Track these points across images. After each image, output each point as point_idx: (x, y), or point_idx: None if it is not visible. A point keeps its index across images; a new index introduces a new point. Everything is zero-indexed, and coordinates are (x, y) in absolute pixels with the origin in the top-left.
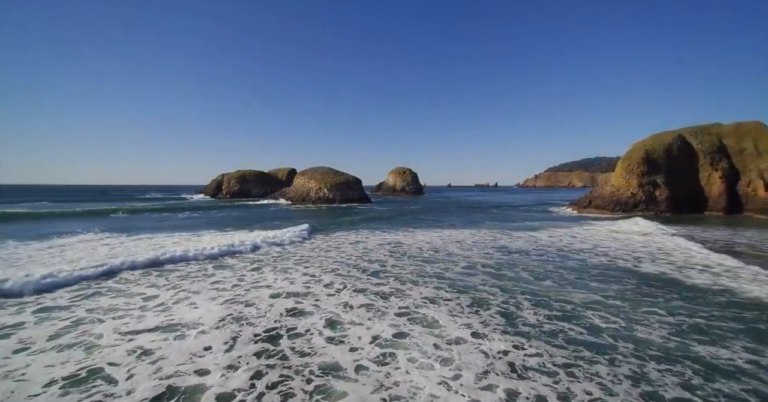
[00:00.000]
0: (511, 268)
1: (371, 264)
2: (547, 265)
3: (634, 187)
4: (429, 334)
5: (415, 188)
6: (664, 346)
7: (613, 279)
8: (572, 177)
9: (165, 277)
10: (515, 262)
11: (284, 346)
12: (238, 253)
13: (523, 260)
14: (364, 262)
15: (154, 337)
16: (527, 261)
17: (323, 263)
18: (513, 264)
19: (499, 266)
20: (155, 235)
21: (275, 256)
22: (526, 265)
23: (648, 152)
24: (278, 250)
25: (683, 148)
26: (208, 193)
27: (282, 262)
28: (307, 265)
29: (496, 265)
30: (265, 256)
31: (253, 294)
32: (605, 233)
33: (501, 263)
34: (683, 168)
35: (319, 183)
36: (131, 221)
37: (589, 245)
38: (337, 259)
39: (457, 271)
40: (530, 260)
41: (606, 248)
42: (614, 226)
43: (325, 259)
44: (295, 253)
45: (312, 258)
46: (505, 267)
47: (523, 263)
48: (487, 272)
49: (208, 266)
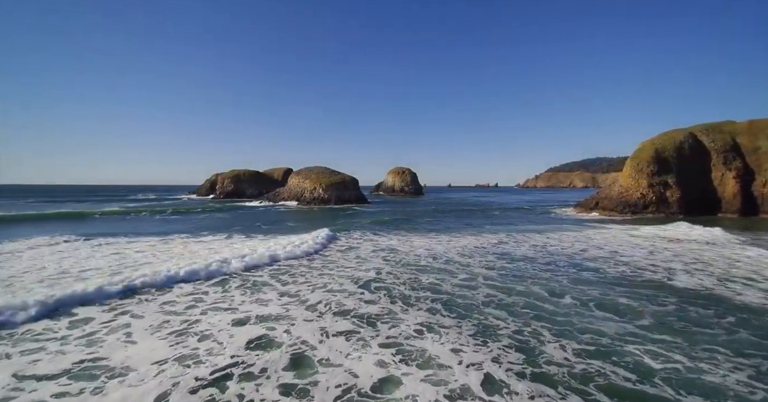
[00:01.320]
0: (519, 280)
1: (361, 276)
2: (560, 277)
3: (643, 188)
4: (426, 381)
5: (415, 188)
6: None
7: (646, 297)
8: (573, 177)
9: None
10: (522, 273)
11: (230, 397)
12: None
13: (531, 271)
14: (353, 273)
15: (58, 388)
16: (536, 272)
17: (306, 276)
18: (520, 275)
19: (504, 278)
20: (119, 240)
21: (245, 274)
22: (536, 276)
23: (658, 151)
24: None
25: (695, 147)
26: (202, 193)
27: (255, 275)
28: (285, 281)
29: (500, 276)
30: (234, 277)
31: (212, 320)
32: (624, 238)
33: (506, 274)
34: (695, 168)
35: (314, 183)
36: (102, 224)
37: (606, 252)
38: (322, 271)
39: (457, 283)
40: (540, 271)
41: (627, 256)
42: (636, 231)
43: (308, 271)
44: (270, 263)
45: (292, 268)
46: (512, 279)
47: (532, 275)
48: (491, 285)
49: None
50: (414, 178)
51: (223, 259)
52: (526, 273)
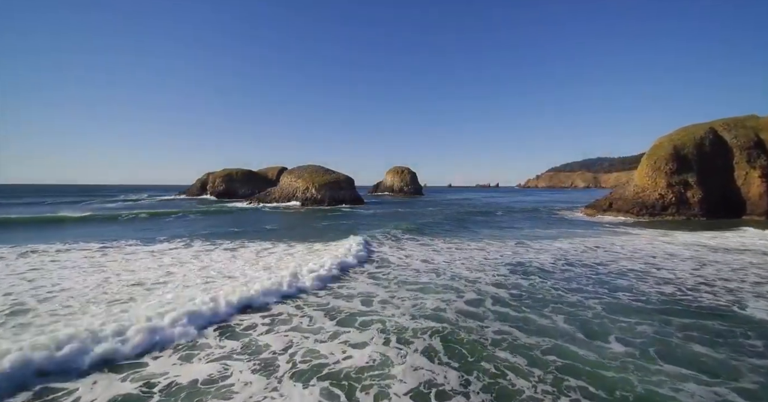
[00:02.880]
0: (538, 306)
1: (340, 306)
2: (590, 300)
3: (662, 188)
4: None
5: (414, 188)
6: None
7: (722, 337)
8: (575, 177)
9: None
10: (541, 294)
11: None
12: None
13: (551, 290)
14: (336, 303)
15: None
16: (558, 292)
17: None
18: (539, 298)
19: (520, 302)
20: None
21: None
22: (559, 300)
23: (677, 148)
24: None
25: (716, 143)
26: (193, 193)
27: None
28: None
29: (514, 298)
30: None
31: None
32: (656, 246)
33: (521, 295)
34: (716, 166)
35: (306, 182)
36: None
37: (639, 265)
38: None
39: (462, 309)
40: (562, 291)
41: (667, 270)
42: (667, 237)
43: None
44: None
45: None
46: (529, 304)
47: (553, 297)
48: (503, 315)
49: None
50: (413, 178)
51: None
52: (545, 294)
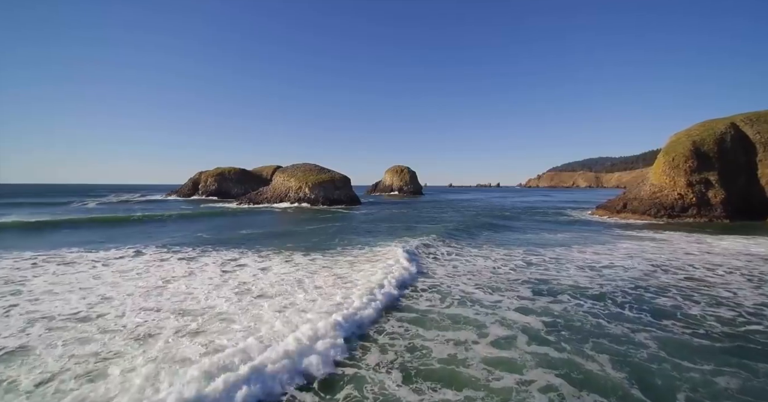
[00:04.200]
0: (579, 341)
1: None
2: (637, 332)
3: (681, 187)
4: None
5: (414, 188)
6: None
7: None
8: (576, 177)
9: None
10: (578, 321)
11: None
12: None
13: (588, 317)
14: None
15: None
16: (598, 320)
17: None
18: (576, 327)
19: (558, 337)
20: None
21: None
22: (600, 330)
23: (696, 144)
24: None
25: (737, 140)
26: (184, 192)
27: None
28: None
29: (547, 329)
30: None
31: None
32: (693, 254)
33: (553, 326)
34: (738, 163)
35: (299, 181)
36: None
37: (680, 278)
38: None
39: (486, 357)
40: (602, 317)
41: (720, 286)
42: (700, 243)
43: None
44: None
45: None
46: (566, 337)
47: (593, 326)
48: (540, 359)
49: None
50: (413, 177)
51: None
52: (583, 322)
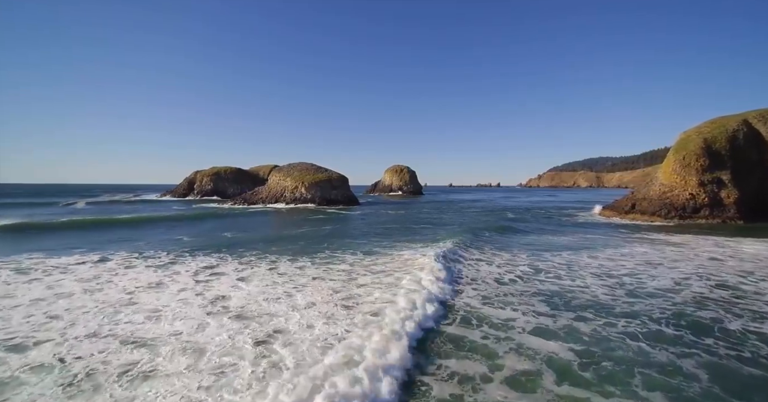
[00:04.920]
0: (622, 377)
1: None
2: (683, 358)
3: (693, 187)
4: None
5: (414, 188)
6: None
7: None
8: (577, 177)
9: None
10: (616, 348)
11: None
12: None
13: (626, 340)
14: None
15: None
16: (638, 343)
17: None
18: (616, 357)
19: (596, 372)
20: None
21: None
22: (643, 358)
23: (708, 142)
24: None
25: (750, 137)
26: (179, 192)
27: None
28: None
29: (586, 365)
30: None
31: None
32: (719, 259)
33: (590, 356)
34: (752, 162)
35: (295, 181)
36: None
37: (714, 289)
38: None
39: (499, 398)
40: (642, 339)
41: (762, 301)
42: (721, 247)
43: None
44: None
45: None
46: (607, 371)
47: (634, 353)
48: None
49: None
50: (413, 177)
51: None
52: (621, 348)
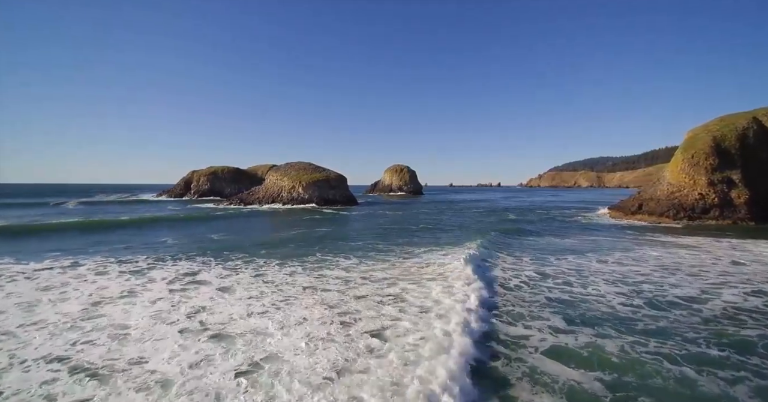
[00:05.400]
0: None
1: None
2: (736, 385)
3: (702, 187)
4: None
5: (414, 188)
6: None
7: None
8: (578, 177)
9: None
10: (657, 379)
11: None
12: None
13: (666, 365)
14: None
15: None
16: (685, 370)
17: None
18: (660, 390)
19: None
20: None
21: None
22: (699, 393)
23: (717, 140)
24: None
25: (761, 135)
26: (175, 192)
27: None
28: None
29: (603, 390)
30: None
31: None
32: (743, 263)
33: (625, 388)
34: (762, 161)
35: (292, 181)
36: None
37: (748, 299)
38: None
39: None
40: (689, 364)
41: None
42: (739, 250)
43: None
44: None
45: None
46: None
47: (692, 387)
48: None
49: None
50: (413, 177)
51: None
52: (661, 376)
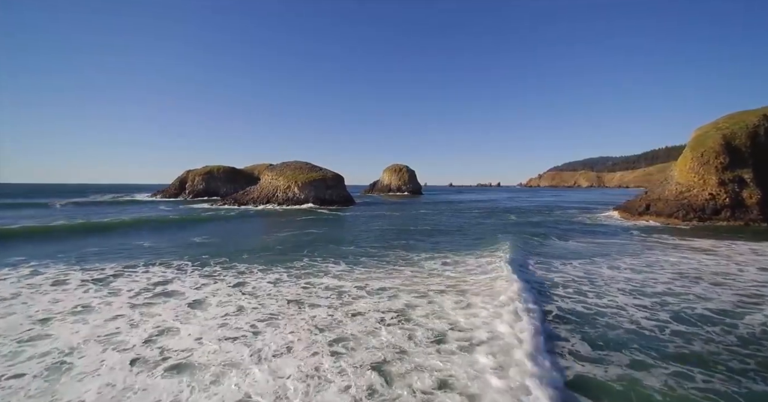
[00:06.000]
0: None
1: None
2: None
3: (712, 186)
4: None
5: (413, 187)
6: None
7: None
8: (578, 177)
9: None
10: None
11: None
12: None
13: (688, 396)
14: None
15: None
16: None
17: None
18: None
19: None
20: None
21: None
22: None
23: (727, 138)
24: None
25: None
26: (170, 193)
27: None
28: None
29: None
30: None
31: None
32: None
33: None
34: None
35: (288, 180)
36: None
37: None
38: None
39: None
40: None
41: None
42: (760, 255)
43: None
44: None
45: None
46: None
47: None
48: None
49: None
50: (412, 176)
51: None
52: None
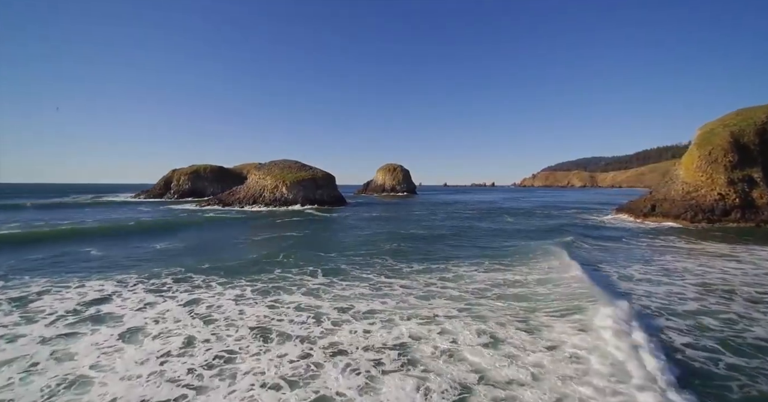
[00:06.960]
0: None
1: None
2: None
3: (721, 186)
4: None
5: (407, 187)
6: None
7: None
8: (571, 176)
9: None
10: None
11: None
12: None
13: None
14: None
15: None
16: None
17: None
18: None
19: None
20: None
21: None
22: None
23: (735, 135)
24: None
25: None
26: (155, 193)
27: None
28: None
29: None
30: None
31: None
32: None
33: None
34: None
35: (276, 180)
36: None
37: None
38: None
39: None
40: None
41: None
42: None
43: None
44: None
45: None
46: None
47: None
48: None
49: None
50: (406, 176)
51: None
52: None
